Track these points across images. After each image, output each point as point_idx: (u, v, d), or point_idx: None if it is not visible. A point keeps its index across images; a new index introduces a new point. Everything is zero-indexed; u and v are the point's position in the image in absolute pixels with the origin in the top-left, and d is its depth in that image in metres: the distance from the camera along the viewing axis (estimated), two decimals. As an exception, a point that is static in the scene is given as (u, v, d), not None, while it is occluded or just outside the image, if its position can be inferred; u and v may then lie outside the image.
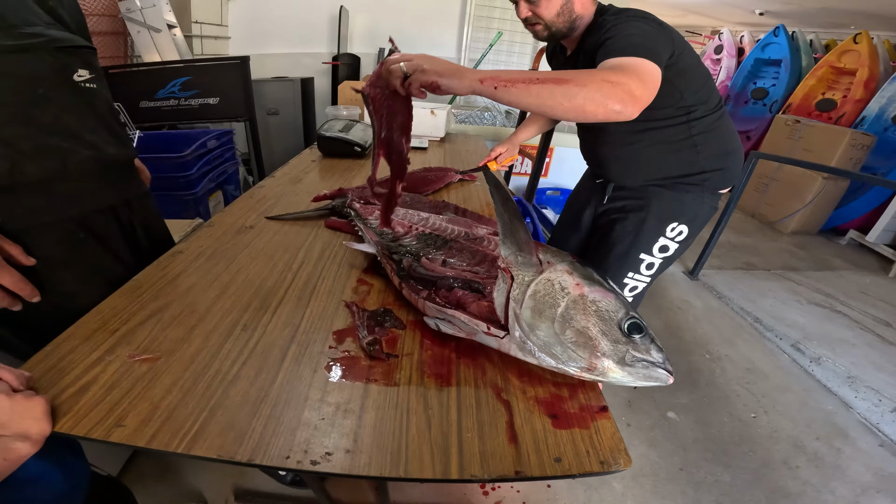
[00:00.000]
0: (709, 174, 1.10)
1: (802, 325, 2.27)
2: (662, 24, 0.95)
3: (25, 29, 0.68)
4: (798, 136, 3.83)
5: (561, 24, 1.03)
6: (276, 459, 0.47)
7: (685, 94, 1.02)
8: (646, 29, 0.90)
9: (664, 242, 1.15)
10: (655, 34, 0.91)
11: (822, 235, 3.79)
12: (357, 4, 3.61)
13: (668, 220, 1.13)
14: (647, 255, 1.17)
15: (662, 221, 1.13)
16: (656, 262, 1.18)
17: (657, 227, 1.14)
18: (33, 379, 0.53)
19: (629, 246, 1.17)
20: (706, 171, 1.09)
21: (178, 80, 2.33)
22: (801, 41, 4.82)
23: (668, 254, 1.17)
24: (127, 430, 0.49)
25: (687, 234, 1.15)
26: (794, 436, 1.64)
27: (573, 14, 1.02)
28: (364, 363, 0.61)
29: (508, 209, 0.58)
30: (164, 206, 1.09)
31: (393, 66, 0.74)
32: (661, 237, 1.15)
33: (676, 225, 1.13)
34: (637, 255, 1.17)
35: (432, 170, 1.34)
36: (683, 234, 1.15)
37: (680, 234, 1.15)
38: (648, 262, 1.18)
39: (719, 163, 1.10)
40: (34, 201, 0.71)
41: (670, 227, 1.14)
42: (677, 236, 1.15)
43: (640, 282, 1.21)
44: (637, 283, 1.21)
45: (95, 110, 0.79)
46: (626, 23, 0.92)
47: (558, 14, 1.01)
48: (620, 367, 0.55)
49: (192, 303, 0.72)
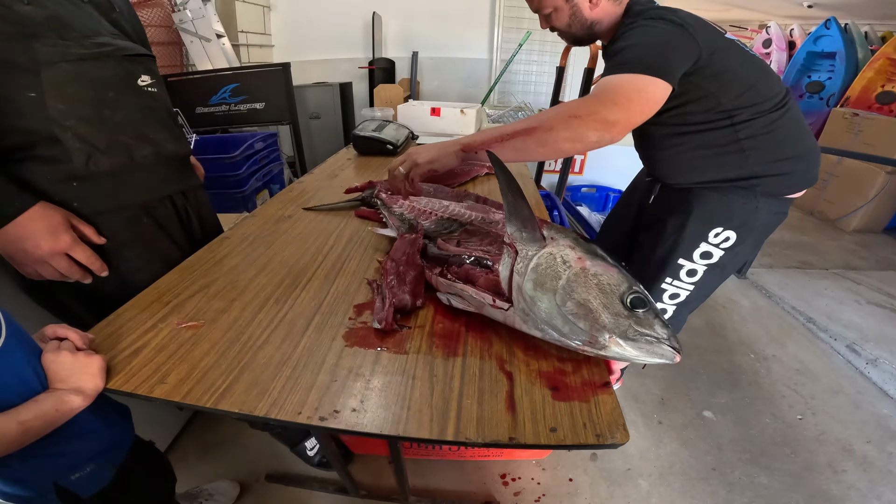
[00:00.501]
0: (761, 179, 1.01)
1: (860, 326, 2.12)
2: (687, 24, 0.90)
3: (95, 39, 0.78)
4: (857, 130, 3.58)
5: (577, 31, 1.07)
6: (289, 414, 0.52)
7: (721, 99, 0.96)
8: (655, 36, 0.90)
9: (707, 248, 1.09)
10: (668, 41, 0.89)
11: (886, 233, 3.49)
12: (389, 10, 3.73)
13: (712, 225, 1.07)
14: (687, 261, 1.11)
15: (705, 226, 1.07)
16: (699, 270, 1.12)
17: (700, 231, 1.08)
18: (95, 341, 0.61)
19: (669, 249, 1.12)
20: (758, 175, 1.01)
21: (229, 86, 2.50)
22: (856, 33, 4.60)
23: (711, 261, 1.10)
24: (167, 387, 0.55)
25: (735, 242, 1.07)
26: (842, 439, 1.54)
27: (585, 21, 1.04)
28: (378, 332, 0.66)
29: (512, 188, 0.61)
30: (216, 202, 1.20)
31: (395, 172, 0.88)
32: (703, 242, 1.09)
33: (721, 231, 1.06)
34: (676, 260, 1.12)
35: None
36: (731, 240, 1.07)
37: (726, 241, 1.07)
38: (689, 268, 1.12)
39: (777, 168, 1.01)
40: (105, 189, 0.81)
41: (714, 233, 1.07)
42: (723, 242, 1.08)
43: (681, 289, 1.15)
44: (677, 290, 1.15)
45: (156, 112, 0.90)
46: (641, 28, 0.92)
47: (569, 24, 1.05)
48: (623, 341, 0.55)
49: (234, 280, 0.80)
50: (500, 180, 0.62)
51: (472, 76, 4.12)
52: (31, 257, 0.71)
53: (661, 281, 1.15)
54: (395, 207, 0.97)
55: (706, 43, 0.91)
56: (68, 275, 0.76)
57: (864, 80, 4.14)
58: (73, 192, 0.77)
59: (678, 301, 1.17)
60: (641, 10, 1.00)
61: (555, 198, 1.81)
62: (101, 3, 0.84)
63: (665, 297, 1.17)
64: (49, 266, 0.73)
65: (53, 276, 0.75)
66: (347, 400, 0.54)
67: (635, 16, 0.99)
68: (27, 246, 0.70)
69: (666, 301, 1.18)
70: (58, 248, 0.72)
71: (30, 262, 0.72)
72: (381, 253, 0.91)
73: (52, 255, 0.72)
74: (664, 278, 1.14)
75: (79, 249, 0.75)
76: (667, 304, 1.18)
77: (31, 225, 0.69)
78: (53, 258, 0.73)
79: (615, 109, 0.78)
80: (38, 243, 0.70)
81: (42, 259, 0.72)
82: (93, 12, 0.81)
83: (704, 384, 1.78)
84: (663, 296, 1.17)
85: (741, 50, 0.98)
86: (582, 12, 1.02)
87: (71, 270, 0.76)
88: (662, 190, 1.18)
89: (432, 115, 2.02)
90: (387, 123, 1.81)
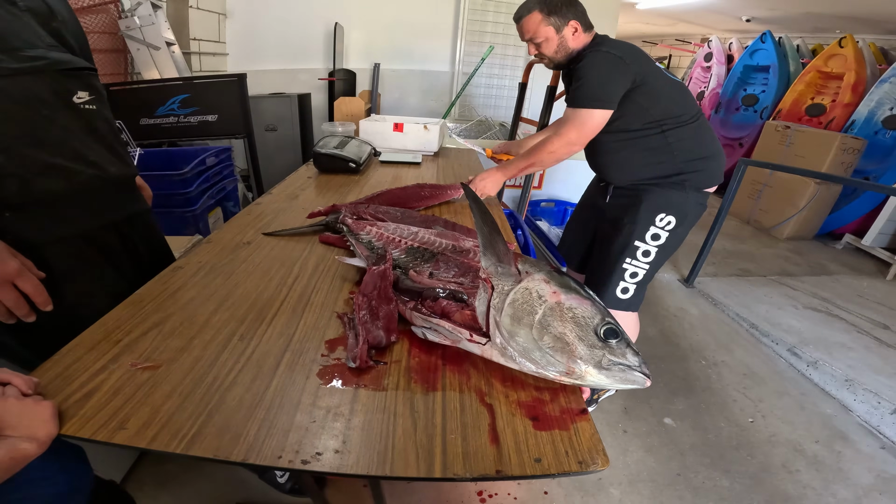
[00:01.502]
0: (687, 175, 1.34)
1: (799, 330, 2.29)
2: (623, 58, 1.23)
3: (27, 51, 0.71)
4: (789, 142, 3.87)
5: (560, 58, 1.37)
6: (269, 459, 0.49)
7: (652, 111, 1.30)
8: (599, 71, 1.23)
9: (655, 231, 1.38)
10: (608, 76, 1.23)
11: (818, 240, 3.81)
12: (352, 21, 3.69)
13: (657, 212, 1.37)
14: (642, 243, 1.40)
15: (652, 212, 1.37)
16: (651, 251, 1.40)
17: (648, 217, 1.37)
18: (41, 385, 0.56)
19: (627, 234, 1.40)
20: (684, 172, 1.34)
21: (178, 97, 2.37)
22: (788, 46, 4.87)
23: (660, 241, 1.39)
24: (129, 433, 0.51)
25: (675, 225, 1.37)
26: (792, 440, 1.65)
27: (569, 49, 1.34)
28: (354, 370, 0.64)
29: (487, 222, 0.61)
30: (165, 222, 1.13)
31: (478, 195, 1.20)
32: (651, 226, 1.38)
33: (665, 216, 1.37)
34: (633, 242, 1.40)
35: (426, 186, 1.36)
36: (672, 223, 1.37)
37: (669, 224, 1.37)
38: (644, 249, 1.40)
39: (696, 165, 1.34)
40: (42, 218, 0.74)
41: (659, 218, 1.37)
42: (667, 226, 1.38)
43: (639, 268, 1.42)
44: (636, 269, 1.42)
45: (96, 131, 0.83)
46: (590, 64, 1.24)
47: (556, 51, 1.35)
48: (598, 371, 0.58)
49: (192, 315, 0.75)
50: (475, 214, 0.62)
51: (434, 88, 4.15)
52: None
53: (622, 262, 1.42)
54: (362, 234, 0.95)
55: (638, 69, 1.24)
56: (14, 309, 0.68)
57: (795, 92, 4.40)
58: (4, 223, 0.70)
59: (637, 280, 1.44)
60: (594, 43, 1.33)
61: (518, 216, 1.87)
62: (40, 12, 0.77)
63: (626, 276, 1.44)
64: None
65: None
66: (329, 441, 0.52)
67: (591, 48, 1.31)
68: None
69: (627, 280, 1.45)
70: (6, 274, 0.65)
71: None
72: (349, 283, 0.88)
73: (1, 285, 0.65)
74: (625, 259, 1.42)
75: (26, 278, 0.68)
76: (629, 282, 1.45)
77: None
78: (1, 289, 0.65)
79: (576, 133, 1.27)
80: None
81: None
82: (30, 21, 0.74)
83: (662, 392, 1.85)
84: (625, 275, 1.44)
85: (665, 74, 1.33)
86: (568, 42, 1.32)
87: (18, 304, 0.68)
88: (615, 191, 1.48)
89: (395, 130, 2.01)
90: (349, 140, 1.78)
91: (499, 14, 3.80)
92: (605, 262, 1.46)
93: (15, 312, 0.69)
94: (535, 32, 1.31)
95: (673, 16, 6.00)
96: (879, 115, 3.67)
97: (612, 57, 1.22)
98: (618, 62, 1.22)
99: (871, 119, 3.72)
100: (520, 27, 1.35)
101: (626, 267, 1.42)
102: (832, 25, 4.84)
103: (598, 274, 1.49)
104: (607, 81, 1.22)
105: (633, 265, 1.42)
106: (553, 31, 1.30)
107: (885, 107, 3.64)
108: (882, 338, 2.27)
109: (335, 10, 3.58)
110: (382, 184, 1.60)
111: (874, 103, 3.71)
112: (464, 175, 1.82)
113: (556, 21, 1.29)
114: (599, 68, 1.22)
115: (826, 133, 3.70)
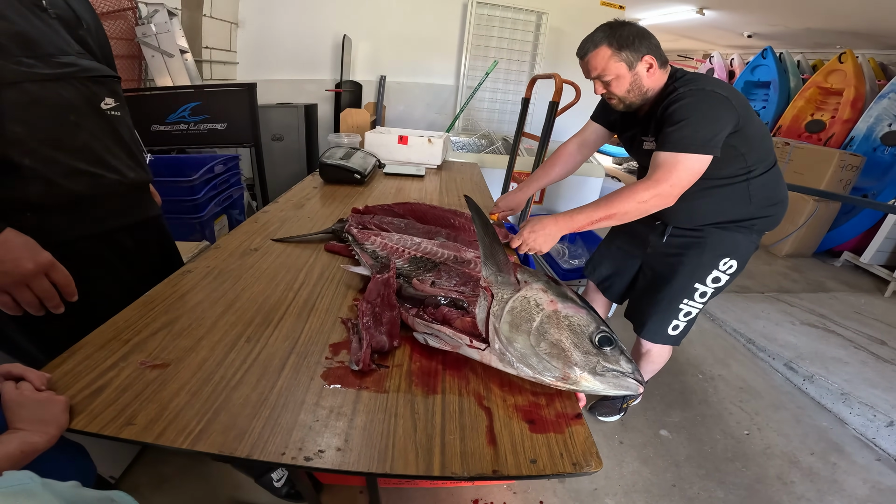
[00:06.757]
0: (757, 220, 1.26)
1: (795, 345, 2.30)
2: (729, 98, 1.07)
3: (60, 58, 0.74)
4: (788, 159, 3.89)
5: (633, 98, 1.18)
6: (273, 455, 0.52)
7: (747, 157, 1.17)
8: (705, 111, 1.05)
9: (717, 274, 1.30)
10: (715, 116, 1.05)
11: (816, 258, 3.82)
12: (359, 33, 3.76)
13: (722, 256, 1.28)
14: (702, 285, 1.32)
15: (717, 256, 1.29)
16: (709, 291, 1.33)
17: (712, 260, 1.29)
18: (52, 381, 0.58)
19: (688, 276, 1.32)
20: (756, 217, 1.26)
21: (189, 104, 2.41)
22: (789, 62, 4.87)
23: (719, 284, 1.32)
24: (137, 428, 0.54)
25: (737, 269, 1.30)
26: (788, 452, 1.66)
27: (643, 88, 1.16)
28: (357, 372, 0.66)
29: (488, 234, 0.64)
30: (172, 228, 1.15)
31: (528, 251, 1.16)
32: (714, 270, 1.30)
33: (728, 260, 1.28)
34: (692, 285, 1.32)
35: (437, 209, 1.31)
36: (734, 268, 1.30)
37: (731, 268, 1.30)
38: (702, 290, 1.33)
39: (768, 211, 1.26)
40: (63, 220, 0.77)
41: (723, 262, 1.29)
42: (728, 269, 1.30)
43: (694, 308, 1.36)
44: (691, 308, 1.36)
45: (120, 137, 0.86)
46: (694, 104, 1.05)
47: (628, 91, 1.16)
48: (592, 377, 0.60)
49: (200, 317, 0.77)
50: (477, 226, 0.65)
51: (438, 102, 4.22)
52: (11, 277, 0.65)
53: (679, 302, 1.35)
54: (367, 244, 0.98)
55: (741, 111, 1.09)
56: (46, 300, 0.70)
57: (795, 108, 4.40)
58: (28, 223, 0.73)
59: (689, 318, 1.39)
60: (689, 79, 1.13)
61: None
62: (68, 19, 0.80)
63: (680, 316, 1.38)
64: (27, 290, 0.67)
65: (29, 302, 0.68)
66: (331, 439, 0.54)
67: (686, 82, 1.12)
68: (6, 267, 0.64)
69: (681, 318, 1.38)
70: (40, 265, 0.67)
71: (8, 284, 0.66)
72: (353, 290, 0.91)
73: (36, 274, 0.67)
74: (682, 300, 1.35)
75: (58, 269, 0.70)
76: (681, 321, 1.39)
77: (11, 242, 0.64)
78: (35, 278, 0.67)
79: (673, 186, 1.06)
80: (19, 262, 0.65)
81: (23, 279, 0.66)
82: (59, 28, 0.77)
83: (659, 404, 1.86)
84: (679, 314, 1.37)
85: (755, 113, 1.18)
86: (642, 80, 1.14)
87: (50, 294, 0.70)
88: (674, 230, 1.36)
89: (400, 143, 2.05)
90: (354, 151, 1.82)
91: (503, 29, 3.88)
92: (660, 301, 1.38)
93: (46, 304, 0.70)
94: (603, 70, 1.13)
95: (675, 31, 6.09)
96: (878, 132, 3.67)
97: (719, 97, 1.06)
98: (724, 102, 1.06)
99: (869, 135, 3.73)
100: (585, 63, 1.17)
101: (682, 307, 1.36)
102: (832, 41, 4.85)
103: (651, 311, 1.41)
104: (714, 122, 1.05)
105: (688, 305, 1.35)
106: (625, 68, 1.12)
107: (883, 123, 3.65)
108: (879, 353, 2.28)
109: (344, 22, 3.67)
110: (386, 195, 1.63)
111: (873, 119, 3.71)
112: (466, 188, 1.86)
113: (629, 56, 1.11)
114: (704, 109, 1.06)
115: (825, 150, 3.72)
